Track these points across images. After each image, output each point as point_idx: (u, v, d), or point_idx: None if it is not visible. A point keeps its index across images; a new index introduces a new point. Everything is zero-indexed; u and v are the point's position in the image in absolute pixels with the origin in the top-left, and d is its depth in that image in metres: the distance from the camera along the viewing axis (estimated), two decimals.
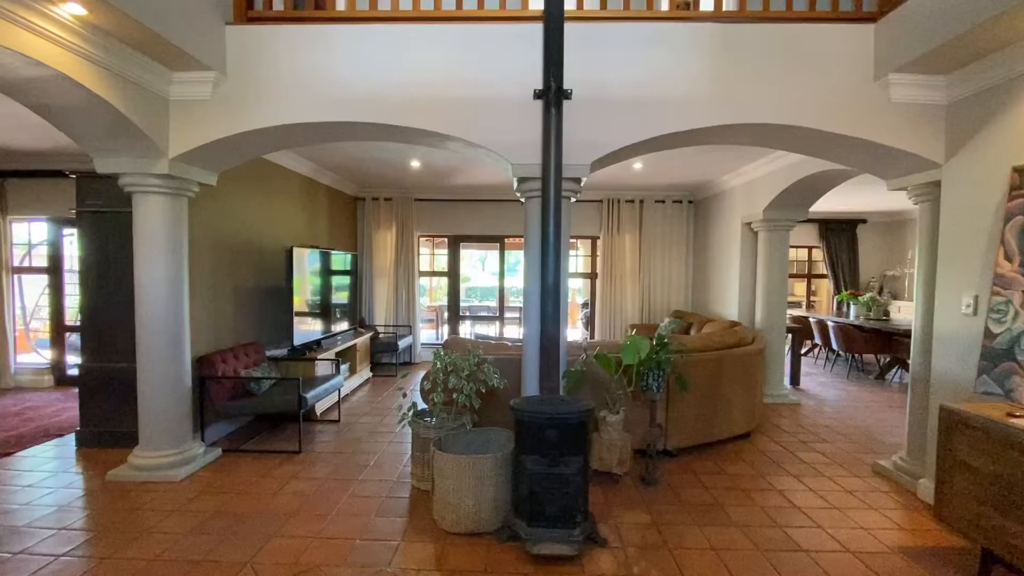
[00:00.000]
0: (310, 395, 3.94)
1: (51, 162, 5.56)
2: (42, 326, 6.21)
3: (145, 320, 3.36)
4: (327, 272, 5.66)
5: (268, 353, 4.69)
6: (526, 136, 3.12)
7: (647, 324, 7.26)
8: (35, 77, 2.45)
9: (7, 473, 3.42)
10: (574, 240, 7.76)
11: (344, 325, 6.08)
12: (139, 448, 3.42)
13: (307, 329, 5.03)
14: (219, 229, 4.26)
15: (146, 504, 3.00)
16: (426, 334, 9.49)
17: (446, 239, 7.75)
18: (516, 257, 10.64)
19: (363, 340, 6.23)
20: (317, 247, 5.56)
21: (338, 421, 4.64)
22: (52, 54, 2.38)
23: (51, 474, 3.42)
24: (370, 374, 6.54)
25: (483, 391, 3.16)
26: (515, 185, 3.32)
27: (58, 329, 5.96)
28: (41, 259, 6.02)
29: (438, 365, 3.18)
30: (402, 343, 6.94)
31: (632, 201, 7.41)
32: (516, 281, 10.92)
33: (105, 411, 3.88)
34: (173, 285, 3.42)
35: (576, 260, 8.00)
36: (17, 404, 5.05)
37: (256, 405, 3.90)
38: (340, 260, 6.07)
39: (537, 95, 2.98)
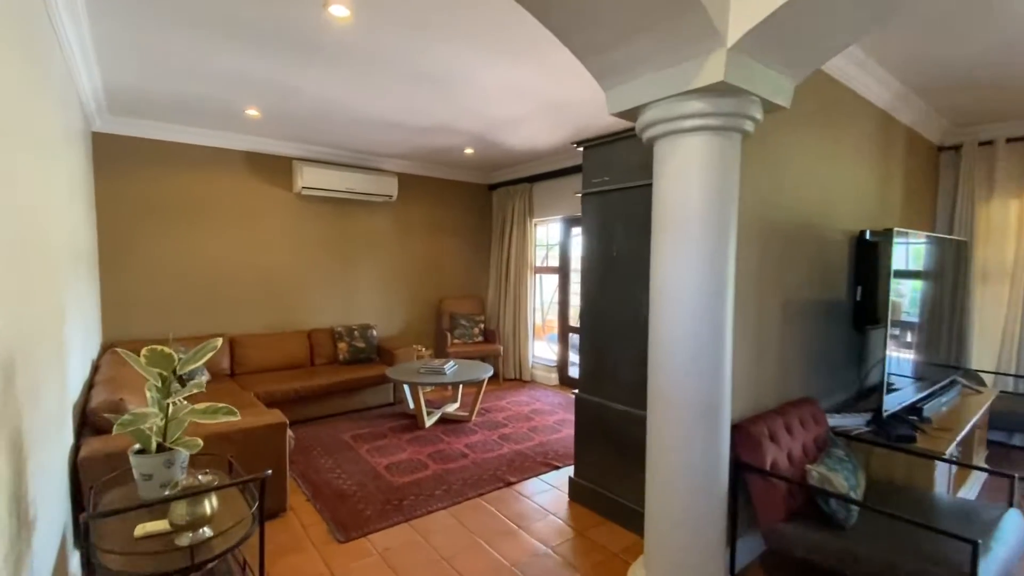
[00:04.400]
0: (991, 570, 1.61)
1: (566, 159, 5.44)
2: (554, 322, 6.45)
3: (660, 348, 1.91)
4: (910, 275, 3.08)
5: (831, 422, 2.64)
6: None
7: None
8: None
9: (482, 516, 2.78)
10: None
11: (940, 371, 3.32)
12: (637, 565, 2.06)
13: (896, 382, 2.68)
14: (765, 202, 2.48)
15: None
16: None
17: None
18: None
19: (980, 406, 3.27)
20: (896, 230, 3.08)
21: None
22: None
23: (525, 546, 2.52)
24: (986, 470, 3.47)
25: None
26: None
27: (563, 329, 5.99)
28: (555, 259, 6.18)
29: None
30: None
31: None
32: None
33: (599, 463, 2.83)
34: (709, 294, 1.83)
35: None
36: (529, 403, 5.03)
37: (837, 550, 1.90)
38: (930, 253, 3.35)
39: None
